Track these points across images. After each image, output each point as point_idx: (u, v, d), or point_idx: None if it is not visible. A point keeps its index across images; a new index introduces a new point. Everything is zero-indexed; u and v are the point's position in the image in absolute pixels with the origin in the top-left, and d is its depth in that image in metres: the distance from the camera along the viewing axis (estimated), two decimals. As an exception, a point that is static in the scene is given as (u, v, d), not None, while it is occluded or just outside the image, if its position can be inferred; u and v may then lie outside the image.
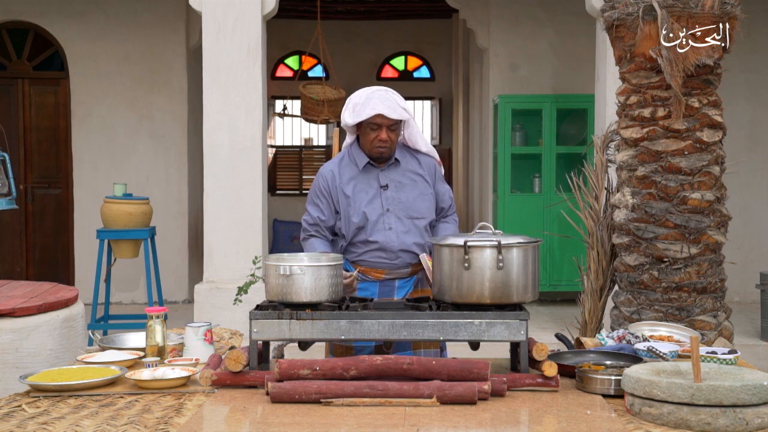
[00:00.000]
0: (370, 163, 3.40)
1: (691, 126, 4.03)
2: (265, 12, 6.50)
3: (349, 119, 3.33)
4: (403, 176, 3.42)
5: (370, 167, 3.40)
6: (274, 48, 10.30)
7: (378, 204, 3.37)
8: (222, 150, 6.41)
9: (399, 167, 3.42)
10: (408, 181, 3.41)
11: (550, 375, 2.59)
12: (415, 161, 3.46)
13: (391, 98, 3.31)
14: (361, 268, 3.38)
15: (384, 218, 3.35)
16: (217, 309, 6.17)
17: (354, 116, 3.32)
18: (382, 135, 3.30)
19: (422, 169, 3.46)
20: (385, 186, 3.38)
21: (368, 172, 3.40)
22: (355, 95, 3.38)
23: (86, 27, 8.77)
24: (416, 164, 3.46)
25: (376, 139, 3.31)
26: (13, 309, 3.94)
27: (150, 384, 2.62)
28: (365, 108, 3.29)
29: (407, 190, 3.40)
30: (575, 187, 4.75)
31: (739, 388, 2.19)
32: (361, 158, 3.39)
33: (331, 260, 2.80)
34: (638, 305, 4.15)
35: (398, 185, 3.40)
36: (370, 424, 2.25)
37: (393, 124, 3.32)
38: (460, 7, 9.24)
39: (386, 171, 3.40)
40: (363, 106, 3.30)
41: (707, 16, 3.89)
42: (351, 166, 3.41)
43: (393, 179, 3.40)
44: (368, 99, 3.30)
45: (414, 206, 3.39)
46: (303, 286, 2.72)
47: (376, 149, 3.34)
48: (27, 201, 8.97)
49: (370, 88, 3.39)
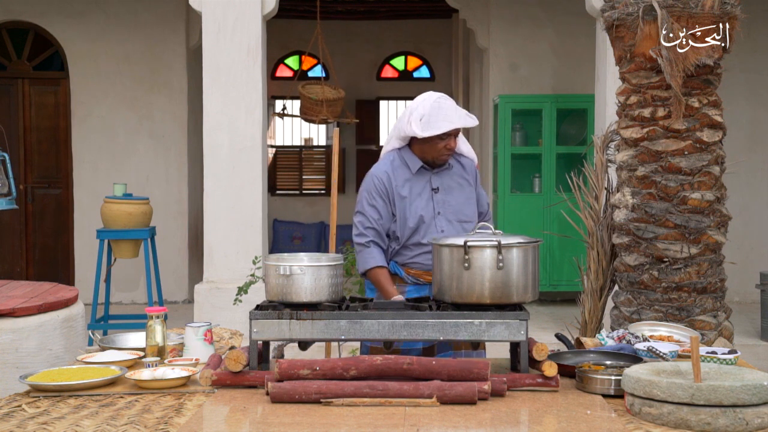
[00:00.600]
0: (423, 167, 3.39)
1: (691, 126, 4.03)
2: (265, 12, 6.51)
3: (421, 131, 3.26)
4: (452, 180, 3.43)
5: (422, 170, 3.40)
6: (274, 48, 10.30)
7: (430, 207, 3.37)
8: (222, 150, 6.41)
9: (449, 171, 3.43)
10: (456, 184, 3.43)
11: (550, 375, 2.59)
12: (459, 165, 3.48)
13: (458, 107, 3.31)
14: (413, 271, 3.38)
15: (436, 221, 3.36)
16: (217, 309, 6.17)
17: (426, 129, 3.25)
18: (451, 143, 3.30)
19: (466, 173, 3.48)
20: (436, 189, 3.39)
21: (421, 175, 3.39)
22: (419, 106, 3.31)
23: (86, 27, 8.77)
24: (460, 167, 3.47)
25: (444, 148, 3.30)
26: (13, 309, 3.94)
27: (150, 384, 2.62)
28: (437, 120, 3.25)
29: (456, 193, 3.42)
30: (575, 187, 4.75)
31: (739, 388, 2.19)
32: (415, 162, 3.37)
33: (331, 260, 2.80)
34: (638, 305, 4.15)
35: (447, 189, 3.41)
36: (370, 424, 2.25)
37: (458, 132, 3.35)
38: (460, 7, 9.24)
39: (437, 174, 3.41)
40: (434, 117, 3.26)
41: (707, 16, 3.89)
42: (403, 168, 3.39)
43: (443, 182, 3.41)
44: (437, 110, 3.26)
45: (462, 209, 3.41)
46: (303, 286, 2.72)
47: (442, 158, 3.34)
48: (27, 201, 8.97)
49: (430, 96, 3.33)
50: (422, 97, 3.35)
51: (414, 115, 3.30)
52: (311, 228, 12.19)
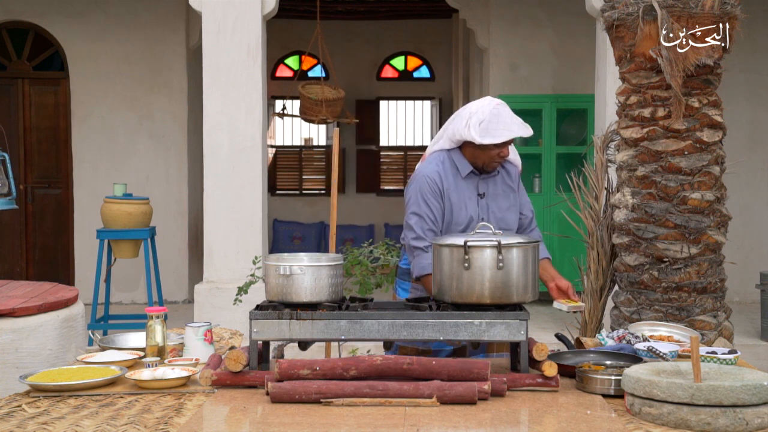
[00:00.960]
0: (472, 171, 3.34)
1: (691, 126, 4.03)
2: (265, 12, 6.51)
3: (479, 138, 3.18)
4: (497, 186, 3.37)
5: (471, 174, 3.34)
6: (274, 48, 10.30)
7: (475, 212, 3.33)
8: (222, 150, 6.42)
9: (495, 177, 3.38)
10: (501, 191, 3.37)
11: (550, 375, 2.59)
12: (505, 170, 3.42)
13: (514, 115, 3.25)
14: None
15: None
16: (217, 309, 6.17)
17: (485, 136, 3.18)
18: (505, 151, 3.25)
19: (511, 179, 3.42)
20: (482, 195, 3.34)
21: (469, 179, 3.33)
22: (478, 110, 3.23)
23: (86, 27, 8.77)
24: (506, 173, 3.42)
25: (497, 156, 3.25)
26: (13, 309, 3.94)
27: (150, 384, 2.62)
28: (497, 128, 3.18)
29: (500, 200, 3.36)
30: (575, 187, 4.75)
31: (739, 388, 2.19)
32: (465, 165, 3.31)
33: (331, 260, 2.80)
34: (638, 305, 4.15)
35: (493, 195, 3.35)
36: (370, 424, 2.25)
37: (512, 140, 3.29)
38: (460, 7, 9.24)
39: (484, 180, 3.35)
40: (493, 125, 3.19)
41: (707, 16, 3.89)
42: (453, 170, 3.32)
43: (489, 189, 3.35)
44: (496, 117, 3.19)
45: (505, 218, 3.35)
46: (303, 286, 2.72)
47: (494, 164, 3.29)
48: (27, 201, 8.97)
49: (489, 101, 3.25)
50: (481, 102, 3.26)
51: (473, 120, 3.21)
52: (311, 228, 12.19)
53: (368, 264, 5.07)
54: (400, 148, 13.06)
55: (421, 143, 13.13)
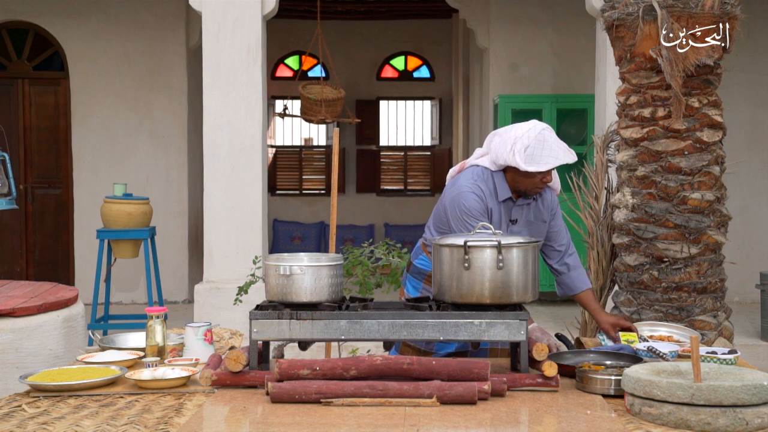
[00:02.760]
0: (510, 197, 3.27)
1: (691, 126, 4.03)
2: (265, 12, 6.50)
3: (524, 164, 3.11)
4: (530, 213, 3.31)
5: (507, 200, 3.28)
6: (274, 48, 10.30)
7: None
8: (222, 150, 6.41)
9: (530, 204, 3.31)
10: (534, 218, 3.32)
11: (550, 375, 2.59)
12: (541, 197, 3.35)
13: (559, 140, 3.17)
14: None
15: None
16: (217, 309, 6.17)
17: (530, 163, 3.11)
18: (548, 178, 3.18)
19: (544, 207, 3.35)
20: (515, 221, 3.28)
21: (504, 204, 3.28)
22: (524, 136, 3.14)
23: (86, 27, 8.77)
24: (541, 199, 3.34)
25: (541, 182, 3.18)
26: (13, 309, 3.94)
27: (150, 384, 2.62)
28: (542, 155, 3.11)
29: (532, 227, 3.30)
30: (575, 187, 4.75)
31: (739, 388, 2.19)
32: (504, 190, 3.24)
33: (331, 260, 2.80)
34: (638, 305, 4.15)
35: (526, 222, 3.30)
36: (370, 424, 2.25)
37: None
38: (460, 7, 9.24)
39: (520, 206, 3.29)
40: (538, 151, 3.11)
41: (707, 16, 3.89)
42: (491, 193, 3.24)
43: (522, 215, 3.30)
44: (542, 143, 3.12)
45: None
46: (303, 286, 2.72)
47: (536, 190, 3.22)
48: (27, 201, 8.97)
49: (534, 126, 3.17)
50: (527, 126, 3.18)
51: (518, 145, 3.13)
52: (311, 228, 12.19)
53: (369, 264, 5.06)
54: (400, 148, 13.06)
55: (421, 143, 13.13)
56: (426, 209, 12.88)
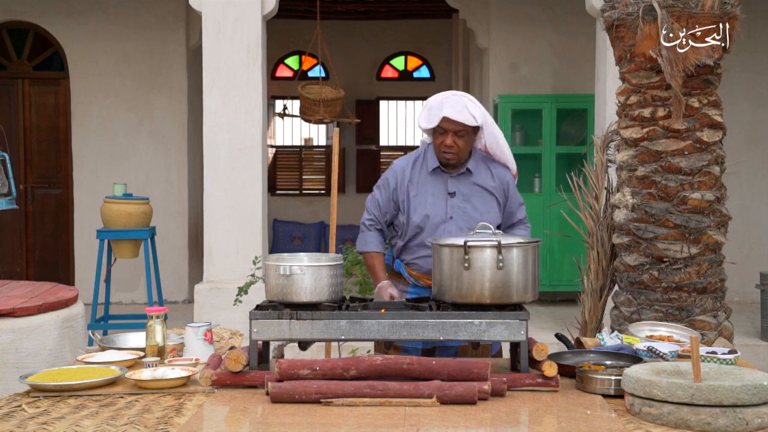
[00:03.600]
0: (441, 169, 3.34)
1: (691, 126, 4.03)
2: (265, 12, 6.51)
3: (422, 123, 3.27)
4: (472, 187, 3.34)
5: (440, 172, 3.34)
6: (274, 48, 10.30)
7: (442, 210, 3.31)
8: (222, 150, 6.42)
9: (469, 177, 3.35)
10: (476, 191, 3.34)
11: (550, 375, 2.59)
12: (488, 173, 3.39)
13: (462, 103, 3.23)
14: (414, 273, 3.36)
15: (446, 225, 3.29)
16: (217, 309, 6.17)
17: (426, 120, 3.25)
18: (447, 140, 3.23)
19: (493, 182, 3.38)
20: (453, 193, 3.33)
21: (438, 176, 3.34)
22: (431, 98, 3.30)
23: (86, 27, 8.77)
24: (488, 176, 3.38)
25: (442, 144, 3.25)
26: (13, 309, 3.94)
27: (150, 384, 2.62)
28: (437, 113, 3.21)
29: (474, 201, 3.33)
30: (575, 187, 4.75)
31: (739, 388, 2.19)
32: (433, 162, 3.33)
33: (331, 260, 2.80)
34: (638, 305, 4.14)
35: (466, 195, 3.33)
36: (370, 424, 2.25)
37: (461, 130, 3.24)
38: (460, 7, 9.24)
39: (456, 178, 3.34)
40: (436, 110, 3.23)
41: (707, 16, 3.89)
42: (423, 166, 3.36)
43: (462, 188, 3.34)
44: (441, 103, 3.23)
45: (481, 219, 3.28)
46: (303, 286, 2.72)
47: (442, 155, 3.28)
48: (27, 201, 8.97)
49: (449, 92, 3.31)
50: (443, 92, 3.33)
51: (425, 107, 3.30)
52: (311, 228, 12.19)
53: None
54: (400, 148, 13.05)
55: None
56: (426, 209, 12.88)
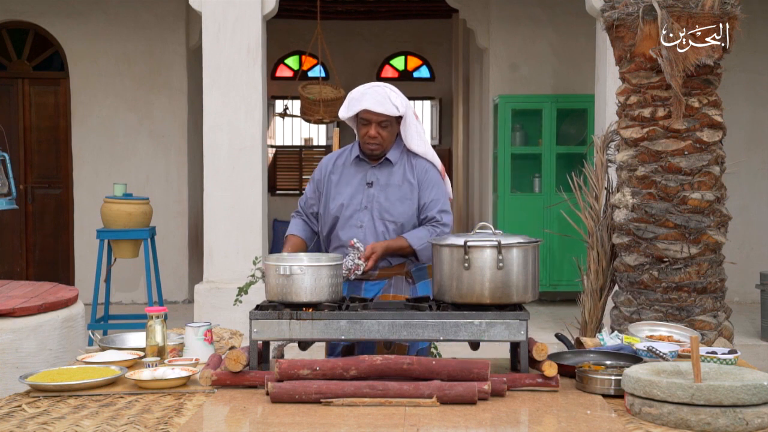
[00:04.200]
0: (363, 159, 3.39)
1: (691, 126, 4.03)
2: (265, 12, 6.50)
3: (342, 113, 3.34)
4: (390, 177, 3.36)
5: (362, 162, 3.39)
6: (274, 48, 10.30)
7: (358, 200, 3.34)
8: (222, 150, 6.41)
9: (390, 168, 3.38)
10: (395, 182, 3.36)
11: (550, 375, 2.59)
12: (409, 165, 3.40)
13: (383, 93, 3.29)
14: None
15: (359, 215, 3.32)
16: (217, 309, 6.17)
17: (347, 110, 3.32)
18: (370, 131, 3.29)
19: (412, 174, 3.38)
20: (371, 183, 3.36)
21: (359, 166, 3.39)
22: (355, 90, 3.37)
23: (86, 27, 8.77)
24: (409, 168, 3.39)
25: (365, 135, 3.31)
26: (13, 309, 3.94)
27: (150, 384, 2.62)
28: (358, 103, 3.28)
29: (390, 191, 3.34)
30: (575, 187, 4.75)
31: (739, 388, 2.19)
32: (356, 151, 3.40)
33: (331, 260, 2.80)
34: (638, 305, 4.15)
35: (383, 186, 3.35)
36: (370, 424, 2.25)
37: (384, 121, 3.29)
38: (460, 7, 9.24)
39: (376, 169, 3.38)
40: (356, 101, 3.30)
41: (707, 16, 3.89)
42: (348, 157, 3.42)
43: (380, 179, 3.37)
44: (362, 95, 3.30)
45: (391, 209, 3.32)
46: (303, 286, 2.72)
47: (366, 145, 3.33)
48: (27, 201, 8.97)
49: (372, 83, 3.40)
50: (366, 84, 3.41)
51: (348, 99, 3.36)
52: (311, 228, 12.17)
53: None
54: (400, 148, 13.05)
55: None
56: (426, 209, 12.87)
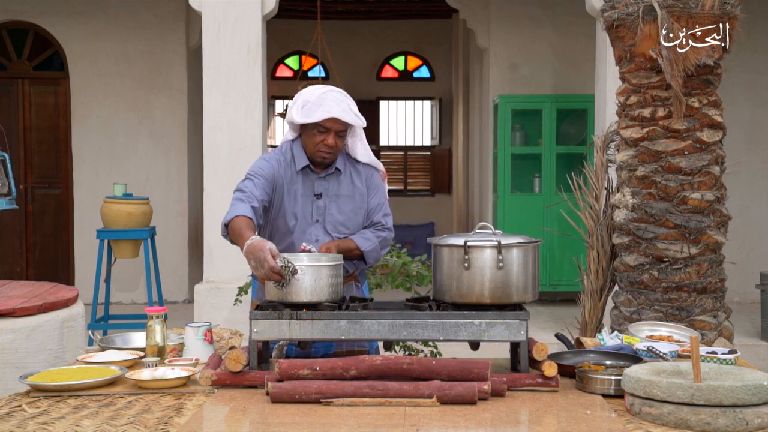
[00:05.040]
0: (309, 168, 3.18)
1: (691, 126, 4.03)
2: (265, 12, 6.50)
3: (298, 117, 3.10)
4: (340, 187, 3.20)
5: (308, 171, 3.18)
6: (274, 48, 10.30)
7: (308, 213, 3.18)
8: (222, 150, 6.41)
9: (338, 177, 3.21)
10: (345, 193, 3.21)
11: (550, 375, 2.59)
12: (355, 171, 3.24)
13: (345, 102, 3.10)
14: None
15: (311, 229, 3.18)
16: (217, 309, 6.17)
17: (304, 115, 3.08)
18: (329, 140, 3.09)
19: (360, 181, 3.24)
20: (319, 195, 3.18)
21: (305, 176, 3.18)
22: (305, 92, 3.14)
23: (86, 27, 8.77)
24: (356, 175, 3.24)
25: (321, 143, 3.09)
26: (13, 309, 3.94)
27: (150, 384, 2.62)
28: (318, 108, 3.06)
29: (342, 203, 3.20)
30: (575, 187, 4.75)
31: (739, 388, 2.19)
32: (302, 160, 3.17)
33: (331, 260, 2.80)
34: (638, 305, 4.15)
35: (334, 197, 3.20)
36: (370, 424, 2.25)
37: (342, 130, 3.11)
38: (460, 7, 9.24)
39: (324, 179, 3.19)
40: (315, 105, 3.07)
41: (707, 16, 3.89)
42: (290, 165, 3.18)
43: (329, 189, 3.19)
44: (321, 99, 3.07)
45: (347, 222, 3.20)
46: (303, 287, 2.71)
47: (319, 153, 3.12)
48: (27, 201, 8.98)
49: (323, 87, 3.14)
50: (315, 87, 3.15)
51: (299, 101, 3.12)
52: (311, 228, 12.18)
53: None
54: (400, 148, 13.06)
55: (421, 143, 13.13)
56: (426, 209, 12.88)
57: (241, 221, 3.04)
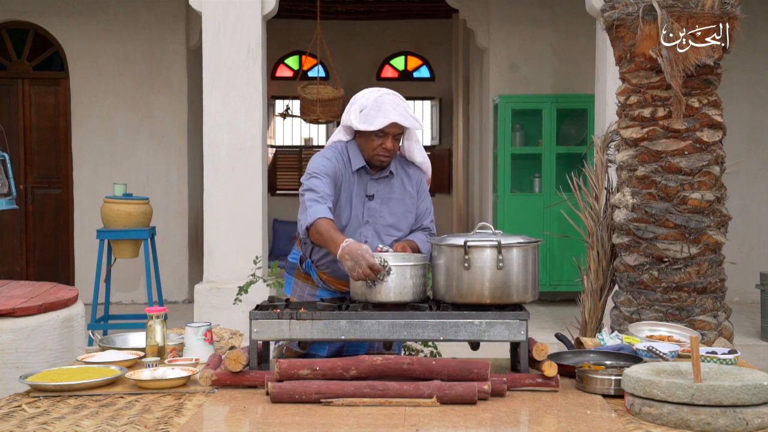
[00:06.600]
0: (365, 169, 3.20)
1: (691, 126, 4.03)
2: (265, 12, 6.50)
3: (358, 124, 3.10)
4: (392, 190, 3.22)
5: (362, 173, 3.20)
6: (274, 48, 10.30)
7: (359, 213, 3.18)
8: (222, 150, 6.41)
9: (391, 180, 3.22)
10: (396, 196, 3.22)
11: (550, 375, 2.59)
12: (406, 174, 3.27)
13: (402, 105, 3.11)
14: (324, 276, 3.23)
15: (362, 230, 3.17)
16: (217, 309, 6.17)
17: (363, 121, 3.09)
18: (387, 144, 3.10)
19: (411, 184, 3.27)
20: (371, 196, 3.19)
21: (359, 176, 3.19)
22: (361, 97, 3.16)
23: (86, 27, 8.77)
24: (406, 178, 3.26)
25: (380, 147, 3.11)
26: (13, 309, 3.94)
27: (150, 384, 2.62)
28: (377, 115, 3.07)
29: (393, 205, 3.21)
30: (575, 187, 4.75)
31: (739, 388, 2.19)
32: (358, 161, 3.18)
33: (417, 260, 2.81)
34: (638, 305, 4.15)
35: (385, 199, 3.20)
36: (370, 424, 2.25)
37: (399, 134, 3.14)
38: (460, 7, 9.24)
39: (377, 181, 3.20)
40: (373, 111, 3.08)
41: (707, 16, 3.89)
42: (346, 164, 3.18)
43: (381, 191, 3.20)
44: (378, 104, 3.09)
45: (398, 224, 3.21)
46: (390, 286, 2.74)
47: (377, 157, 3.14)
48: (27, 201, 8.97)
49: (377, 90, 3.16)
50: (369, 90, 3.18)
51: (355, 106, 3.13)
52: (311, 228, 12.16)
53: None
54: (400, 148, 13.05)
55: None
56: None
57: (325, 224, 2.98)
